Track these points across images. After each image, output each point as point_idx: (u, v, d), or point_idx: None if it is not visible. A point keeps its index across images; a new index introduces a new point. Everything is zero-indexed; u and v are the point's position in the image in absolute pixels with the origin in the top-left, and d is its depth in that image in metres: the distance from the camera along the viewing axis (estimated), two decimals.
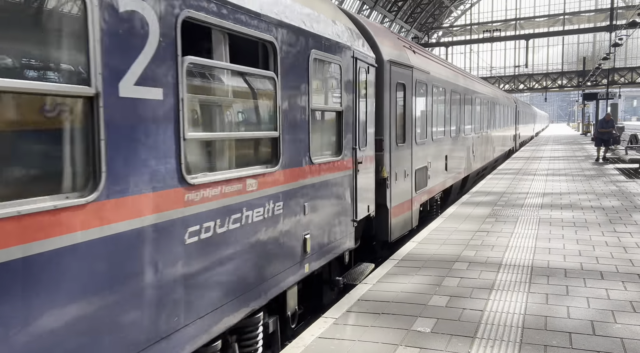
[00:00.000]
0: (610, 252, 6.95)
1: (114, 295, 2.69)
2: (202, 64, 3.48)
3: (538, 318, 4.66)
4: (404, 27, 54.28)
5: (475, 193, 12.90)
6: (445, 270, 6.25)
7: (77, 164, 2.58)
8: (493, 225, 8.82)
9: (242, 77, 4.11)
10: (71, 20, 2.50)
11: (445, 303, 5.10)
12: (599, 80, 51.78)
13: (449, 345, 4.15)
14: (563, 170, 18.07)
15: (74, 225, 2.45)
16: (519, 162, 21.98)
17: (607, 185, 13.65)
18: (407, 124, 8.46)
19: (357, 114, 6.20)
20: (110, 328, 2.67)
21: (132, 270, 2.80)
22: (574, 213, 9.82)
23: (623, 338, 4.19)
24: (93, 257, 2.56)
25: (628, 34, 34.80)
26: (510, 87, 56.83)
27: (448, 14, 63.88)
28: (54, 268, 2.36)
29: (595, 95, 38.72)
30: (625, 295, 5.23)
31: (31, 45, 2.39)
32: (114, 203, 2.68)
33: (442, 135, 11.29)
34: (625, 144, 21.80)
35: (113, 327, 2.69)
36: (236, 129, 4.12)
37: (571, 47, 69.76)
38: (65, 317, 2.43)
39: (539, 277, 5.88)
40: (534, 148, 32.09)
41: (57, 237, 2.37)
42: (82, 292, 2.51)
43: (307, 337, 4.38)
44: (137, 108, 2.82)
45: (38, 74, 2.46)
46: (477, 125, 16.23)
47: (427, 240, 7.83)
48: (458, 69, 15.14)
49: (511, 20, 62.81)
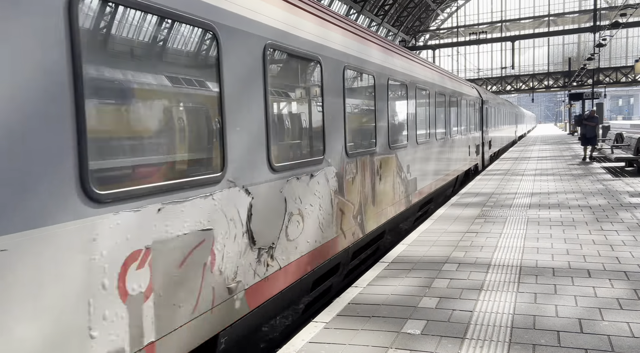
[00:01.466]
0: (598, 250, 7.02)
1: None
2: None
3: (527, 318, 4.70)
4: (391, 30, 54.60)
5: (464, 194, 12.98)
6: (435, 271, 6.28)
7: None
8: (482, 226, 8.88)
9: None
10: None
11: (435, 305, 5.13)
12: (585, 80, 52.45)
13: (439, 346, 4.17)
14: (551, 169, 18.24)
15: None
16: (507, 163, 22.14)
17: (594, 184, 13.81)
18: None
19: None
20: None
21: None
22: (561, 212, 9.92)
23: (610, 336, 4.24)
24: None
25: (611, 34, 35.29)
26: (498, 88, 57.34)
27: (434, 17, 64.39)
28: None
29: (581, 95, 39.20)
30: (612, 293, 5.29)
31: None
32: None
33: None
34: (611, 143, 22.06)
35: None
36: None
37: (557, 48, 70.62)
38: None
39: (528, 277, 5.93)
40: (517, 154, 32.27)
41: None
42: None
43: (297, 342, 4.38)
44: None
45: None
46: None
47: (417, 242, 7.86)
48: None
49: (497, 22, 63.44)
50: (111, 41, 3.00)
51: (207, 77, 3.76)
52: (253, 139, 4.27)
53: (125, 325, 2.87)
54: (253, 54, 4.31)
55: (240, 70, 4.12)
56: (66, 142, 2.57)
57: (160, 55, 3.38)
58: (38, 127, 2.44)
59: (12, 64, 2.34)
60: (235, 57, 4.05)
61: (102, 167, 2.82)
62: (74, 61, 2.64)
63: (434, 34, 65.52)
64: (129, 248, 2.90)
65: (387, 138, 8.13)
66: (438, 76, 12.40)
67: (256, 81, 4.34)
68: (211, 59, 3.80)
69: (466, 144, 16.47)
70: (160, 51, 3.38)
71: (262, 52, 4.43)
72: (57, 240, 2.48)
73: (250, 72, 4.28)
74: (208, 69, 3.79)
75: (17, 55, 2.36)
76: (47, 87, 2.50)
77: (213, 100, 3.80)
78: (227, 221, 3.87)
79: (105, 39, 2.96)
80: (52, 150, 2.50)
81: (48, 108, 2.50)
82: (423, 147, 10.68)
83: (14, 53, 2.34)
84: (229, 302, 3.91)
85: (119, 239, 2.86)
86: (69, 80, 2.61)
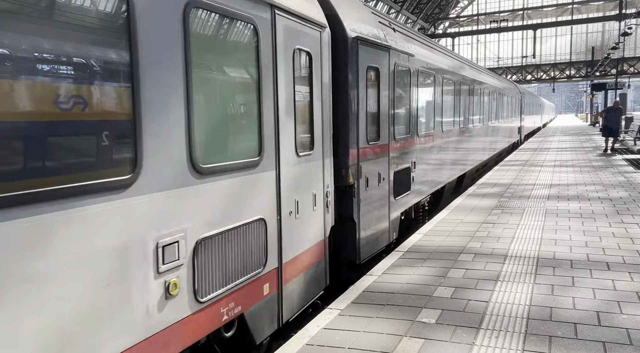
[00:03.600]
0: (617, 243, 6.91)
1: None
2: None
3: (543, 309, 4.66)
4: (410, 18, 53.89)
5: (482, 185, 12.86)
6: (451, 261, 6.25)
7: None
8: (499, 217, 8.80)
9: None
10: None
11: (450, 295, 5.11)
12: (608, 70, 51.23)
13: (454, 335, 4.17)
14: (570, 161, 17.94)
15: None
16: (526, 153, 21.85)
17: (615, 176, 13.55)
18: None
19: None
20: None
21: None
22: (580, 204, 9.77)
23: (629, 329, 4.19)
24: None
25: (638, 23, 34.34)
26: (518, 77, 56.38)
27: (455, 4, 63.33)
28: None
29: (604, 85, 38.36)
30: (631, 286, 5.22)
31: None
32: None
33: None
34: (634, 135, 21.58)
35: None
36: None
37: (579, 36, 69.00)
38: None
39: (545, 268, 5.87)
40: (537, 144, 31.84)
41: None
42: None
43: (312, 328, 4.41)
44: None
45: None
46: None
47: (433, 232, 7.83)
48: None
49: (518, 10, 62.16)
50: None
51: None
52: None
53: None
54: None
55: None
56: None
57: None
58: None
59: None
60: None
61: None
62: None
63: (453, 22, 64.51)
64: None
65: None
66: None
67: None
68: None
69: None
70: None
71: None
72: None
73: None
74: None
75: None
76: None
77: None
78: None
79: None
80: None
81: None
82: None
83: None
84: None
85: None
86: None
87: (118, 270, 2.76)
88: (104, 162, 2.69)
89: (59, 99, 2.44)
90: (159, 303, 3.04)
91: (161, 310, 3.06)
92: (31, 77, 2.33)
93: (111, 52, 2.74)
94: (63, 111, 2.46)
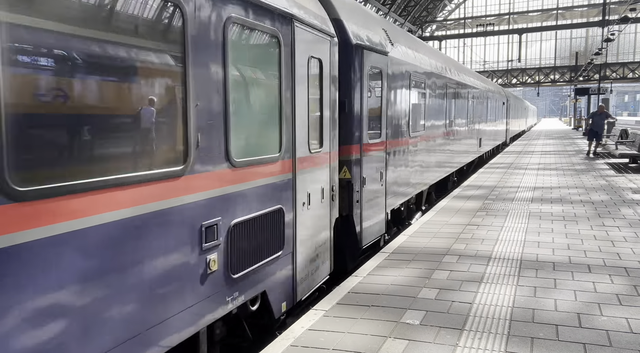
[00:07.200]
0: (599, 245, 7.02)
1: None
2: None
3: (526, 311, 4.72)
4: (398, 20, 54.15)
5: (467, 187, 12.97)
6: (435, 263, 6.29)
7: None
8: (483, 219, 8.88)
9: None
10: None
11: (435, 296, 5.15)
12: (591, 75, 52.02)
13: (438, 337, 4.20)
14: (554, 164, 18.19)
15: None
16: (510, 156, 22.08)
17: (597, 180, 13.77)
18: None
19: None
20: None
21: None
22: (563, 207, 9.91)
23: (609, 331, 4.25)
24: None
25: (620, 29, 34.96)
26: (503, 81, 57.00)
27: (442, 7, 63.81)
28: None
29: (587, 90, 38.96)
30: (611, 288, 5.30)
31: None
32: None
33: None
34: (616, 139, 21.95)
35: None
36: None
37: (564, 42, 70.03)
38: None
39: (528, 270, 5.94)
40: (520, 148, 32.20)
41: None
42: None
43: (297, 328, 4.41)
44: None
45: None
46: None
47: (418, 234, 7.87)
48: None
49: (505, 15, 62.87)
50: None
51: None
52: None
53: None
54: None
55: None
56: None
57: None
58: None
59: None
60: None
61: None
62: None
63: (440, 25, 64.98)
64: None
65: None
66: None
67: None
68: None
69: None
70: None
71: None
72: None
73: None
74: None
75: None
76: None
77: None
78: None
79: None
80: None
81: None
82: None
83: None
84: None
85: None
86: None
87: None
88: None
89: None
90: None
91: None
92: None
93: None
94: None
